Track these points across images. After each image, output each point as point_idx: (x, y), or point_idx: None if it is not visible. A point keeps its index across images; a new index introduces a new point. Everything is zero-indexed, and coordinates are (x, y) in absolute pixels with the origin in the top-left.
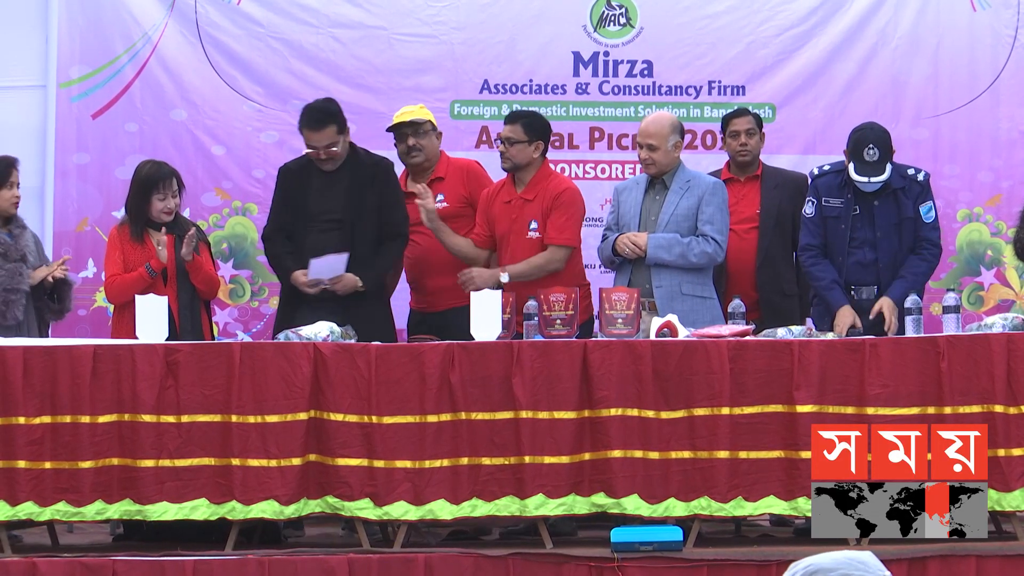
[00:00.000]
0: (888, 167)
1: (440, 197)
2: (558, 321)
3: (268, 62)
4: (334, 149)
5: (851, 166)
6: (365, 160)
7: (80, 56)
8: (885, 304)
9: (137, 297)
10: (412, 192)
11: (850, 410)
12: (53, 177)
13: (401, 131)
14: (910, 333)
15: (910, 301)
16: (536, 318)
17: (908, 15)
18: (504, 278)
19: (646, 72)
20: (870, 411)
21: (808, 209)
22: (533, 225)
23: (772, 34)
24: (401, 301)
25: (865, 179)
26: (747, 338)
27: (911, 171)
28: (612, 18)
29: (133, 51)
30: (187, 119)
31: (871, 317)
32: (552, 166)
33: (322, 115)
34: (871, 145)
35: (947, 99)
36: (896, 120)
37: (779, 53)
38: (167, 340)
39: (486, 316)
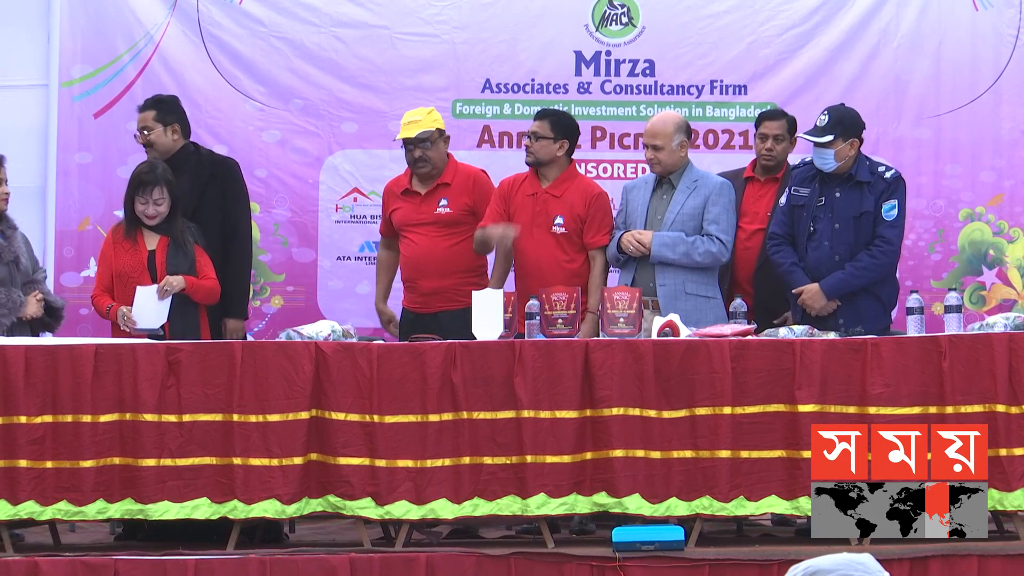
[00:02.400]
0: (830, 136)
1: (444, 202)
2: (560, 320)
3: (270, 61)
4: (146, 132)
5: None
6: (207, 160)
7: (82, 55)
8: (807, 288)
9: (138, 288)
10: (415, 191)
11: (852, 410)
12: (55, 176)
13: (409, 142)
14: (912, 332)
15: (912, 300)
16: (538, 317)
17: (910, 14)
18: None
19: (648, 71)
20: (872, 411)
21: (782, 199)
22: (559, 220)
23: (774, 33)
24: (394, 301)
25: (805, 136)
26: (749, 338)
27: (881, 168)
28: (614, 17)
29: (135, 50)
30: (189, 118)
31: (797, 302)
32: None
33: (150, 100)
34: (824, 112)
35: (949, 98)
36: (898, 119)
37: (781, 52)
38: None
39: (488, 315)
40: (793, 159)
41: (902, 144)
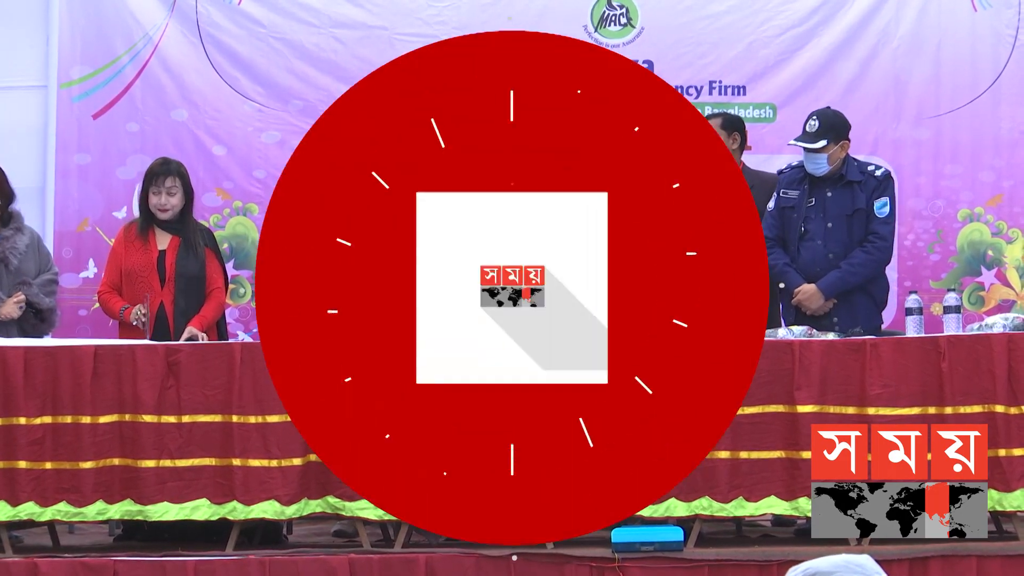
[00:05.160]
0: (824, 142)
1: None
2: None
3: (269, 62)
4: None
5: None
6: None
7: (81, 56)
8: (804, 288)
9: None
10: None
11: (851, 410)
12: (54, 177)
13: None
14: (911, 333)
15: (911, 300)
16: None
17: (909, 15)
18: None
19: None
20: (871, 411)
21: (770, 203)
22: None
23: (773, 34)
24: None
25: (798, 143)
26: None
27: (871, 167)
28: (613, 18)
29: (134, 51)
30: (188, 119)
31: (792, 302)
32: None
33: None
34: (814, 117)
35: (948, 99)
36: (897, 120)
37: (780, 53)
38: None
39: None
40: (792, 160)
41: (901, 144)
